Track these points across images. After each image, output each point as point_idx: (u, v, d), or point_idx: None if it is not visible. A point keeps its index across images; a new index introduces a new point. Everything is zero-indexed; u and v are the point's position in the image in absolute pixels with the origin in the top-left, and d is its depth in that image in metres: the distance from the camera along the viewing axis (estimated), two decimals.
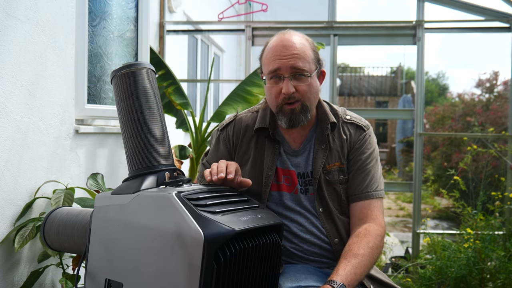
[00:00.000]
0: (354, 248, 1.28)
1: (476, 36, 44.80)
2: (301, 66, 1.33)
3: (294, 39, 1.35)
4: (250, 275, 1.08)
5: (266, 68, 1.38)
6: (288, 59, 1.32)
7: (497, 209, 3.13)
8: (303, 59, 1.33)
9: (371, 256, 1.28)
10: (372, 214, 1.38)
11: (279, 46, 1.35)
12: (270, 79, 1.36)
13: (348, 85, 15.33)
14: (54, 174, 2.08)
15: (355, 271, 1.21)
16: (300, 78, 1.34)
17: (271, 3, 4.18)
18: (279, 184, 1.43)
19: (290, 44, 1.34)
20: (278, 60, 1.33)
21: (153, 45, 3.40)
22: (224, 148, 1.50)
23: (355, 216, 1.39)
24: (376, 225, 1.35)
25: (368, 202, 1.39)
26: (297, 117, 1.36)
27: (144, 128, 1.18)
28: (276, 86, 1.36)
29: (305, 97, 1.35)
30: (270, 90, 1.38)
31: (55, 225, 1.29)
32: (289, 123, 1.37)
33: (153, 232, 1.01)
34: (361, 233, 1.33)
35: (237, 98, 3.02)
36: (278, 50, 1.34)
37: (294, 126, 1.38)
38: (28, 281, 1.85)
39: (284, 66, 1.32)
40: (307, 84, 1.35)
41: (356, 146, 1.44)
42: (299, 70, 1.33)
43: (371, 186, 1.40)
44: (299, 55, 1.33)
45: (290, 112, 1.35)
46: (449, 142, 6.46)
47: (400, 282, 3.03)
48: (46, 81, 2.01)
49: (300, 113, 1.36)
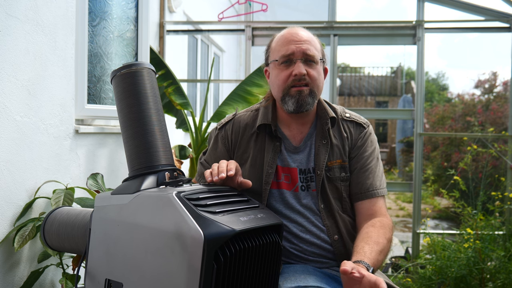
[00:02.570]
0: (374, 235, 1.27)
1: (474, 37, 44.81)
2: (312, 53, 1.39)
3: (303, 31, 1.43)
4: (250, 275, 1.08)
5: (278, 53, 1.41)
6: (301, 44, 1.38)
7: (497, 209, 3.13)
8: (314, 47, 1.40)
9: (387, 247, 1.29)
10: (381, 211, 1.39)
11: (291, 34, 1.41)
12: (281, 63, 1.40)
13: (348, 85, 15.33)
14: (54, 174, 2.08)
15: (378, 258, 1.21)
16: (311, 64, 1.39)
17: (271, 3, 4.18)
18: (278, 182, 1.44)
19: (302, 33, 1.41)
20: (292, 45, 1.38)
21: (153, 45, 3.40)
22: (222, 147, 1.51)
23: (363, 214, 1.40)
24: (387, 220, 1.37)
25: (375, 200, 1.40)
26: (305, 100, 1.38)
27: (144, 128, 1.18)
28: (286, 70, 1.39)
29: (314, 82, 1.39)
30: (279, 74, 1.40)
31: (55, 225, 1.29)
32: (296, 105, 1.38)
33: (153, 232, 1.01)
34: (377, 224, 1.33)
35: (237, 98, 3.02)
36: (291, 36, 1.40)
37: (300, 108, 1.38)
38: (28, 281, 1.85)
39: (297, 50, 1.38)
40: (316, 70, 1.40)
41: (358, 144, 1.45)
42: (310, 56, 1.38)
43: (375, 184, 1.41)
44: (309, 42, 1.40)
45: (298, 94, 1.37)
46: (449, 142, 6.46)
47: (400, 282, 3.03)
48: (46, 81, 2.01)
49: (308, 96, 1.38)
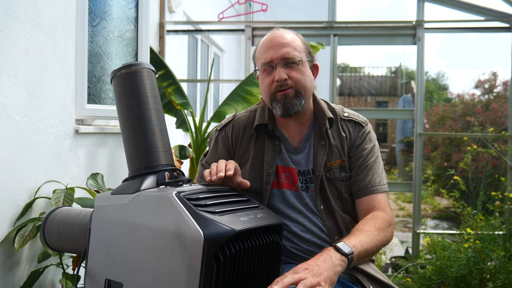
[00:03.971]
0: (359, 226, 1.27)
1: (474, 37, 44.80)
2: (291, 55, 1.37)
3: (284, 33, 1.42)
4: (250, 275, 1.08)
5: (259, 61, 1.42)
6: (278, 49, 1.37)
7: (497, 209, 3.13)
8: (293, 48, 1.38)
9: (378, 235, 1.25)
10: (379, 206, 1.38)
11: (269, 40, 1.41)
12: (264, 72, 1.40)
13: (348, 85, 15.33)
14: (54, 174, 2.08)
15: (359, 238, 1.18)
16: (292, 66, 1.38)
17: (271, 3, 4.18)
18: (279, 181, 1.44)
19: (280, 35, 1.40)
20: (269, 52, 1.38)
21: (153, 45, 3.40)
22: (223, 148, 1.51)
23: (362, 210, 1.40)
24: (383, 213, 1.35)
25: (373, 196, 1.40)
26: (291, 102, 1.37)
27: (144, 128, 1.18)
28: (269, 77, 1.39)
29: (298, 84, 1.38)
30: (264, 81, 1.41)
31: (55, 225, 1.29)
32: (283, 109, 1.38)
33: (153, 232, 1.01)
34: (368, 217, 1.32)
35: (237, 98, 3.02)
36: (269, 43, 1.40)
37: (288, 112, 1.38)
38: (28, 281, 1.85)
39: (275, 56, 1.37)
40: (299, 71, 1.38)
41: (356, 143, 1.45)
42: (290, 58, 1.37)
43: (374, 180, 1.41)
44: (288, 44, 1.38)
45: (283, 98, 1.37)
46: (449, 142, 6.46)
47: (400, 282, 3.03)
48: (46, 81, 2.01)
49: (294, 98, 1.37)
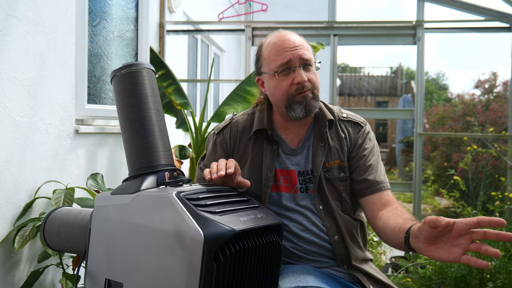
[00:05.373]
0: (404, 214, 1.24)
1: (473, 37, 44.78)
2: (308, 56, 1.37)
3: (291, 34, 1.40)
4: (250, 275, 1.08)
5: (274, 63, 1.38)
6: (297, 50, 1.36)
7: (497, 209, 3.13)
8: (308, 51, 1.39)
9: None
10: (393, 201, 1.37)
11: (282, 41, 1.38)
12: (281, 72, 1.37)
13: (348, 85, 15.32)
14: (54, 174, 2.08)
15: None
16: (309, 68, 1.38)
17: (271, 3, 4.18)
18: (277, 185, 1.44)
19: (293, 38, 1.38)
20: (288, 52, 1.35)
21: (153, 45, 3.40)
22: (221, 151, 1.50)
23: (376, 204, 1.37)
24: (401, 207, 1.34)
25: (385, 192, 1.39)
26: (311, 104, 1.37)
27: (144, 128, 1.18)
28: (287, 79, 1.37)
29: (315, 86, 1.39)
30: (280, 84, 1.37)
31: (55, 225, 1.29)
32: (305, 111, 1.37)
33: (153, 232, 1.01)
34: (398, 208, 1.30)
35: (237, 98, 3.02)
36: (283, 43, 1.37)
37: (309, 113, 1.39)
38: (28, 281, 1.85)
39: (294, 57, 1.35)
40: (314, 73, 1.39)
41: (358, 143, 1.45)
42: (307, 60, 1.37)
43: (380, 178, 1.41)
44: (303, 46, 1.38)
45: (304, 99, 1.37)
46: (449, 142, 6.45)
47: (400, 282, 3.03)
48: (46, 81, 2.01)
49: (313, 100, 1.38)
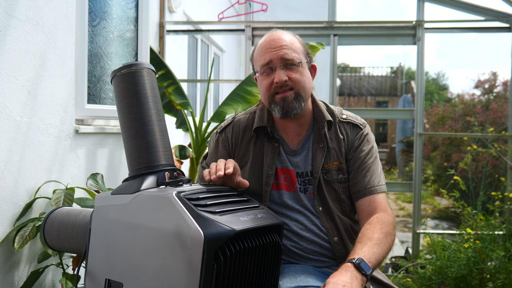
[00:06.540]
0: (368, 233, 1.27)
1: (473, 37, 44.74)
2: (291, 56, 1.37)
3: (282, 34, 1.41)
4: (250, 275, 1.08)
5: (258, 63, 1.41)
6: (278, 50, 1.37)
7: (497, 209, 3.13)
8: (292, 50, 1.38)
9: (386, 241, 1.27)
10: (381, 206, 1.38)
11: (267, 41, 1.40)
12: (263, 73, 1.39)
13: (348, 85, 15.33)
14: (54, 174, 2.08)
15: (372, 250, 1.20)
16: (292, 67, 1.37)
17: (271, 3, 4.18)
18: (278, 183, 1.44)
19: (278, 37, 1.39)
20: (268, 53, 1.37)
21: (153, 45, 3.40)
22: (223, 150, 1.51)
23: (364, 210, 1.39)
24: (386, 215, 1.36)
25: (373, 196, 1.39)
26: (290, 105, 1.37)
27: (144, 128, 1.18)
28: (268, 78, 1.39)
29: (298, 85, 1.38)
30: (262, 83, 1.40)
31: (55, 225, 1.29)
32: (282, 112, 1.38)
33: (153, 232, 1.01)
34: (373, 221, 1.32)
35: (237, 98, 3.02)
36: (268, 44, 1.39)
37: (287, 114, 1.38)
38: (28, 281, 1.85)
39: (274, 57, 1.36)
40: (299, 73, 1.38)
41: (354, 145, 1.45)
42: (289, 60, 1.37)
43: (373, 181, 1.41)
44: (287, 46, 1.38)
45: (282, 100, 1.37)
46: (449, 142, 6.45)
47: (400, 282, 3.03)
48: (46, 81, 2.01)
49: (294, 101, 1.37)
